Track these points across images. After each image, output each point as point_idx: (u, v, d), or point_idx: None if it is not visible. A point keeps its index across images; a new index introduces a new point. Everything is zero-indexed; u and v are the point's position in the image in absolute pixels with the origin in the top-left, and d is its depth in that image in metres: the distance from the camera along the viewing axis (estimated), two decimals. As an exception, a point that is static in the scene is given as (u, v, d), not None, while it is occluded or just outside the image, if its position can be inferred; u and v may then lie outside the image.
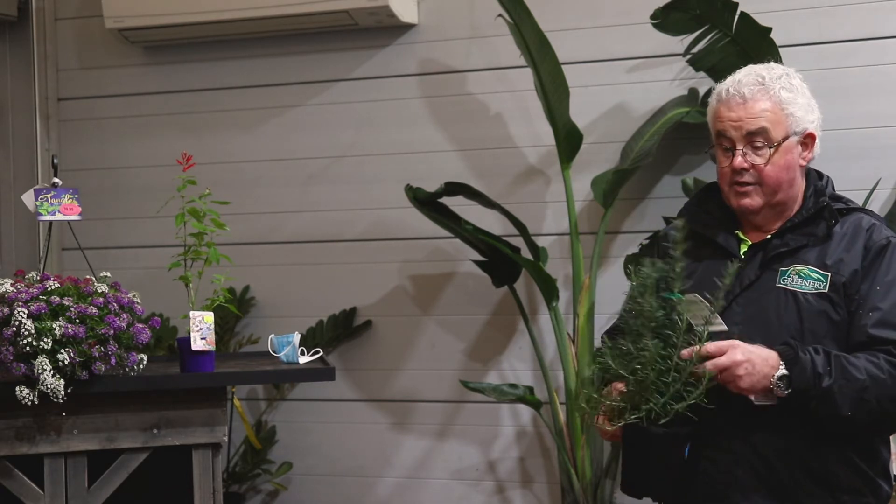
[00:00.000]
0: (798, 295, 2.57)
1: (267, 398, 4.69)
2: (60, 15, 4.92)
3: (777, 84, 2.64)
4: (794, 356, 2.46)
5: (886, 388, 2.46)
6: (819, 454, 2.53)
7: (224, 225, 3.23)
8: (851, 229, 2.62)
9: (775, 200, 2.66)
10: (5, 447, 3.05)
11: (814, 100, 2.73)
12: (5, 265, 4.80)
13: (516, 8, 3.90)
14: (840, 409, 2.45)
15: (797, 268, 2.59)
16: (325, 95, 4.62)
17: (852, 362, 2.47)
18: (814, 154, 2.71)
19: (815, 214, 2.65)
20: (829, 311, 2.56)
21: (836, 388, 2.44)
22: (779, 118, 2.62)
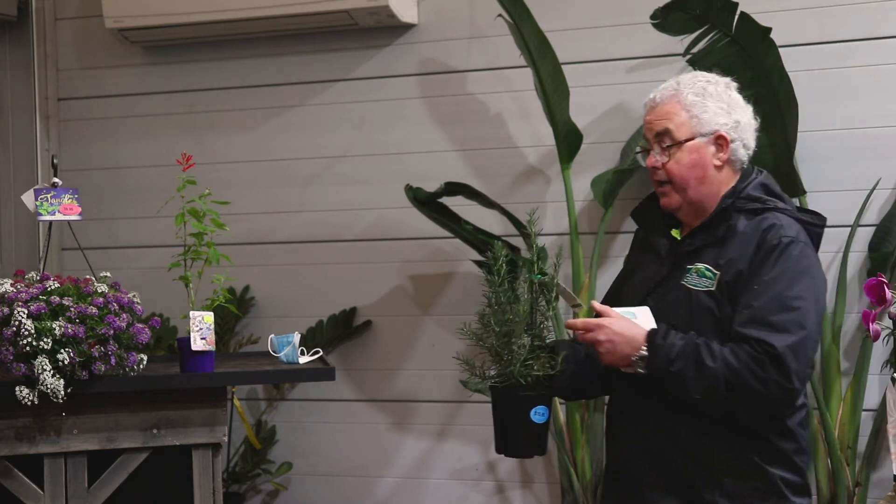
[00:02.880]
0: (692, 293, 2.73)
1: (267, 398, 4.69)
2: (60, 15, 4.92)
3: (687, 89, 2.82)
4: (656, 341, 2.65)
5: (739, 377, 2.59)
6: (702, 441, 2.68)
7: (224, 225, 3.23)
8: (751, 229, 2.74)
9: (689, 199, 2.82)
10: (5, 447, 3.05)
11: (740, 107, 2.86)
12: (5, 265, 4.80)
13: (516, 8, 3.90)
14: (689, 391, 2.62)
15: (698, 266, 2.75)
16: (324, 95, 4.62)
17: (712, 351, 2.61)
18: (733, 155, 2.83)
19: (719, 214, 2.78)
20: (713, 308, 2.70)
21: (685, 373, 2.61)
22: (683, 120, 2.80)
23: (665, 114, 2.83)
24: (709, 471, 2.70)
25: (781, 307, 2.63)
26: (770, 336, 2.60)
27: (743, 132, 2.83)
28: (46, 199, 3.20)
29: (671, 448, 2.73)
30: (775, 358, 2.59)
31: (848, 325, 3.97)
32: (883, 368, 3.74)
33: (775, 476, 2.70)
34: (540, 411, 2.77)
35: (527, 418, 2.76)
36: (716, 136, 2.80)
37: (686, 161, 2.80)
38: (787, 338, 2.60)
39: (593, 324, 2.71)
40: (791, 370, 2.59)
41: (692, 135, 2.80)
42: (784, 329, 2.61)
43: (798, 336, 2.61)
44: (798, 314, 2.63)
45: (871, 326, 2.84)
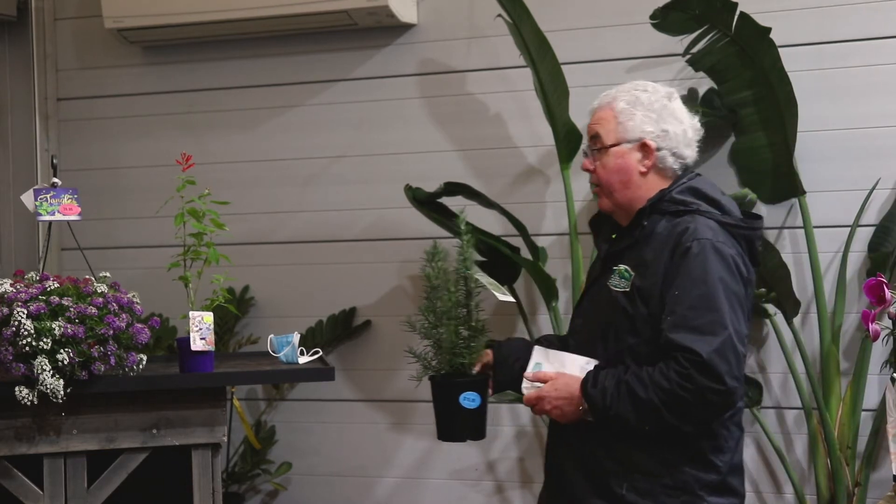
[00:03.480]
0: (613, 293, 2.84)
1: (266, 398, 4.69)
2: (60, 15, 4.92)
3: (622, 97, 2.93)
4: (588, 391, 2.78)
5: (673, 396, 2.68)
6: (623, 440, 2.79)
7: (223, 225, 3.22)
8: (668, 232, 2.82)
9: (617, 202, 2.93)
10: (5, 447, 3.05)
11: (673, 118, 2.92)
12: (5, 265, 4.80)
13: (516, 8, 3.90)
14: (635, 424, 2.73)
15: (619, 268, 2.86)
16: (324, 95, 4.62)
17: (642, 380, 2.71)
18: (660, 163, 2.90)
19: (636, 216, 2.88)
20: (628, 308, 2.80)
21: (624, 413, 2.72)
22: (611, 125, 2.91)
23: (598, 119, 2.95)
24: (623, 467, 2.80)
25: (702, 310, 2.70)
26: (695, 342, 2.66)
27: (672, 141, 2.90)
28: (46, 199, 3.20)
29: (597, 449, 2.83)
30: (702, 366, 2.65)
31: (847, 325, 3.98)
32: (882, 368, 3.74)
33: (687, 474, 2.77)
34: (470, 397, 2.91)
35: (457, 404, 2.91)
36: (641, 143, 2.89)
37: (611, 165, 2.91)
38: (712, 341, 2.67)
39: (534, 398, 2.87)
40: (721, 372, 2.66)
41: (618, 140, 2.90)
42: (709, 332, 2.68)
43: (722, 337, 2.68)
44: (718, 315, 2.70)
45: (870, 326, 2.84)
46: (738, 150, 4.04)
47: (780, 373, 4.11)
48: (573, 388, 2.82)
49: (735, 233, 2.85)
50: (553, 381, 2.86)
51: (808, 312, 4.04)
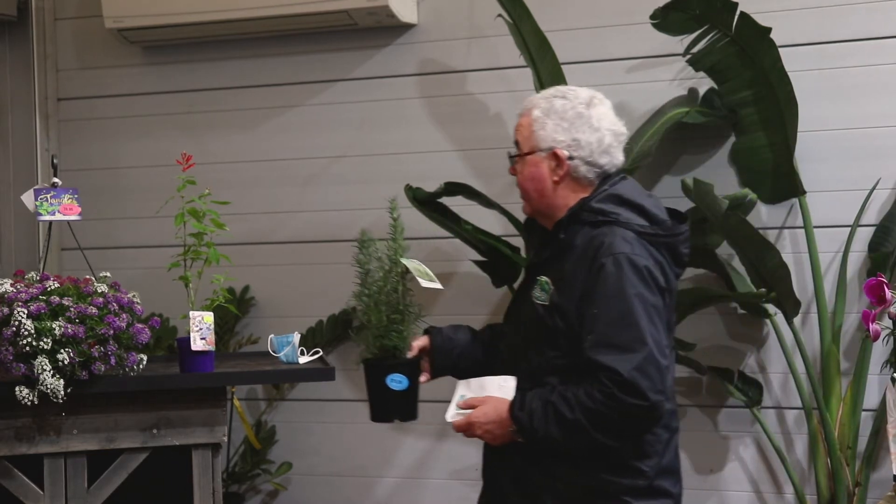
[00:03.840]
0: (535, 305, 2.85)
1: (266, 398, 4.69)
2: (60, 15, 4.92)
3: (539, 104, 2.92)
4: (515, 414, 2.80)
5: (599, 416, 2.70)
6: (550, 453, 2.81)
7: (224, 225, 3.23)
8: (586, 245, 2.81)
9: (535, 209, 2.96)
10: (5, 447, 3.05)
11: (588, 126, 2.89)
12: (5, 265, 4.80)
13: (516, 8, 3.90)
14: (563, 444, 2.76)
15: (542, 279, 2.86)
16: (324, 95, 4.62)
17: (568, 401, 2.73)
18: (574, 172, 2.89)
19: (555, 226, 2.89)
20: (547, 321, 2.81)
21: (552, 434, 2.75)
22: (528, 133, 2.92)
23: (518, 126, 2.96)
24: (551, 478, 2.83)
25: (621, 327, 2.71)
26: (616, 360, 2.68)
27: (584, 151, 2.87)
28: (46, 199, 3.21)
29: (527, 462, 2.86)
30: (624, 384, 2.67)
31: (848, 324, 3.98)
32: (883, 368, 3.74)
33: (612, 481, 2.79)
34: (396, 379, 2.99)
35: (383, 385, 2.99)
36: (552, 152, 2.89)
37: (526, 173, 2.93)
38: (633, 358, 2.68)
39: (464, 424, 2.89)
40: (643, 389, 2.68)
41: (531, 149, 2.91)
42: (628, 349, 2.69)
43: (643, 353, 2.69)
44: (637, 331, 2.70)
45: (870, 326, 2.84)
46: (738, 150, 4.04)
47: (780, 373, 4.11)
48: (501, 410, 2.84)
49: (655, 241, 2.83)
50: (481, 406, 2.87)
51: (808, 312, 4.04)
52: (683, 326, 4.01)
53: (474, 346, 3.15)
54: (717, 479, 4.20)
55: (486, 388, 2.92)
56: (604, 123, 2.91)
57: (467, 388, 2.96)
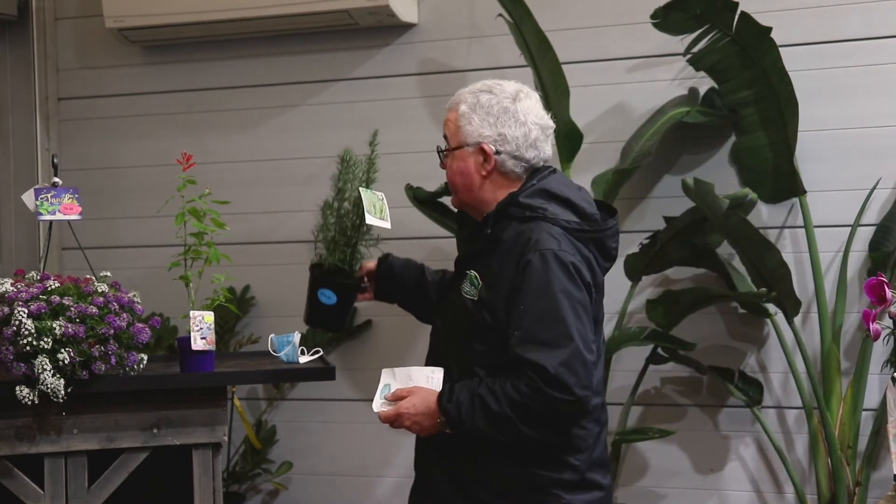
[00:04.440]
0: (464, 299, 2.88)
1: (267, 398, 4.69)
2: (60, 14, 4.92)
3: (466, 99, 2.93)
4: (443, 405, 2.82)
5: (524, 409, 2.72)
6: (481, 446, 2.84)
7: (224, 224, 3.22)
8: (514, 240, 2.83)
9: (463, 202, 2.98)
10: (5, 447, 3.05)
11: (514, 121, 2.88)
12: (5, 265, 4.80)
13: (516, 7, 3.90)
14: (491, 437, 2.78)
15: (470, 273, 2.89)
16: (324, 95, 4.62)
17: (495, 395, 2.74)
18: (501, 167, 2.89)
19: (482, 222, 2.91)
20: (475, 316, 2.83)
21: (479, 425, 2.77)
22: (455, 128, 2.93)
23: (446, 120, 2.98)
24: (483, 471, 2.85)
25: (547, 323, 2.72)
26: (542, 356, 2.70)
27: (510, 145, 2.88)
28: (47, 198, 3.20)
29: (460, 455, 2.88)
30: (551, 380, 2.69)
31: (848, 324, 3.98)
32: (883, 368, 3.74)
33: (543, 476, 2.82)
34: (326, 294, 3.15)
35: (315, 295, 3.17)
36: (479, 147, 2.90)
37: (455, 168, 2.95)
38: (559, 354, 2.70)
39: (393, 415, 2.89)
40: (569, 384, 2.70)
41: (459, 144, 2.92)
42: (555, 345, 2.71)
43: (569, 349, 2.71)
44: (564, 327, 2.72)
45: (871, 326, 2.84)
46: (738, 149, 4.04)
47: (780, 372, 4.11)
48: (430, 401, 2.85)
49: (582, 237, 2.85)
50: (409, 396, 2.88)
51: (808, 312, 4.04)
52: (684, 326, 4.02)
53: (417, 286, 3.24)
54: (717, 479, 4.20)
55: (413, 378, 2.93)
56: (530, 118, 2.90)
57: (392, 377, 2.97)
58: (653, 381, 4.24)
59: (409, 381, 2.93)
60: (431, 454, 2.97)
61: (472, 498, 2.86)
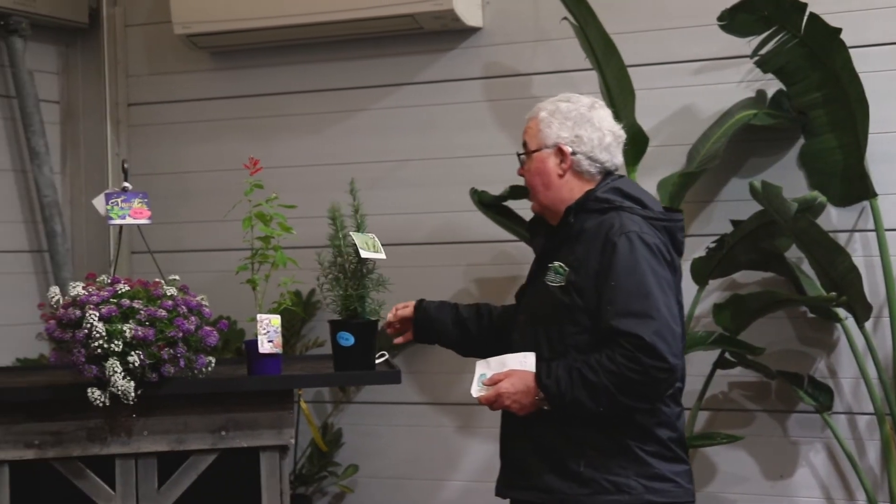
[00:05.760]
0: (550, 289, 3.05)
1: (333, 401, 4.71)
2: (130, 21, 4.98)
3: (546, 106, 3.18)
4: (543, 382, 2.97)
5: (621, 378, 2.89)
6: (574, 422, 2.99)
7: (290, 228, 3.25)
8: (596, 228, 3.03)
9: (541, 202, 3.17)
10: (78, 448, 3.10)
11: (590, 125, 3.10)
12: (77, 268, 4.87)
13: (581, 10, 3.89)
14: (591, 409, 2.93)
15: (554, 264, 3.07)
16: (389, 99, 4.64)
17: (591, 366, 2.92)
18: (577, 167, 3.11)
19: (565, 215, 3.09)
20: (565, 300, 3.01)
21: (579, 397, 2.93)
22: (535, 132, 3.17)
23: (526, 128, 3.21)
24: (575, 446, 3.00)
25: (637, 296, 2.93)
26: (637, 326, 2.89)
27: (586, 146, 3.11)
28: (117, 203, 3.25)
29: (550, 432, 3.03)
30: (645, 347, 2.88)
31: (921, 328, 3.91)
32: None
33: (635, 447, 2.99)
34: (344, 336, 3.26)
35: (335, 340, 3.28)
36: (556, 148, 3.12)
37: (533, 169, 3.16)
38: (652, 324, 2.89)
39: (493, 396, 3.05)
40: (663, 351, 2.88)
41: (538, 146, 3.15)
42: (646, 315, 2.90)
43: (659, 319, 2.91)
44: (652, 300, 2.93)
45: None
46: (807, 152, 3.99)
47: (851, 378, 4.05)
48: (528, 380, 3.01)
49: (657, 225, 3.07)
50: (507, 378, 3.03)
51: (880, 317, 3.98)
52: (752, 330, 3.97)
53: (455, 325, 3.42)
54: (786, 485, 4.15)
55: (507, 364, 3.07)
56: (604, 124, 3.15)
57: (487, 366, 3.11)
58: (720, 386, 4.20)
59: (504, 366, 3.07)
60: (522, 437, 3.09)
61: (569, 473, 2.99)
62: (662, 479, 2.99)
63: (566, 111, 3.15)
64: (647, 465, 2.98)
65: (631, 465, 2.98)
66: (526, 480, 3.09)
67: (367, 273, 3.33)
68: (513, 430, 3.14)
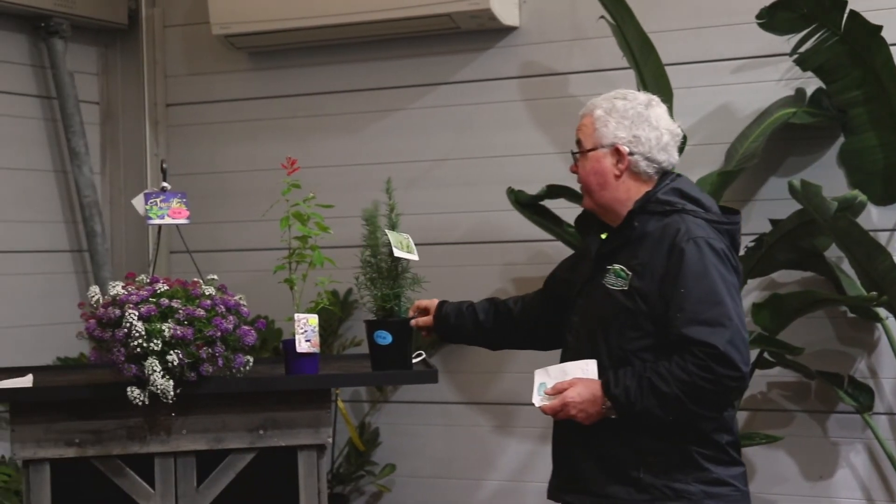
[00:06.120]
0: (611, 292, 2.98)
1: (370, 400, 4.72)
2: (169, 22, 5.02)
3: (601, 104, 3.09)
4: (611, 392, 2.91)
5: (693, 387, 2.83)
6: (631, 427, 2.94)
7: (328, 228, 3.26)
8: (660, 232, 2.97)
9: (597, 202, 3.09)
10: (118, 446, 3.11)
11: (647, 125, 3.01)
12: (117, 268, 4.91)
13: (619, 9, 3.87)
14: (660, 418, 2.88)
15: (615, 267, 2.99)
16: (426, 99, 4.64)
17: (662, 376, 2.85)
18: (634, 167, 3.03)
19: (627, 217, 3.02)
20: (628, 305, 2.94)
21: (650, 407, 2.87)
22: (590, 131, 3.08)
23: (581, 125, 3.12)
24: (634, 452, 2.95)
25: (708, 304, 2.87)
26: (710, 335, 2.83)
27: (644, 146, 3.03)
28: (156, 203, 3.27)
29: (606, 438, 2.98)
30: (719, 357, 2.82)
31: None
32: None
33: (690, 450, 2.94)
34: (381, 335, 3.24)
35: (372, 339, 3.26)
36: (614, 147, 3.04)
37: (588, 168, 3.08)
38: (724, 333, 2.84)
39: (559, 405, 2.98)
40: (736, 361, 2.83)
41: (594, 145, 3.07)
42: (718, 324, 2.84)
43: (731, 328, 2.85)
44: (724, 307, 2.87)
45: None
46: (847, 150, 3.96)
47: (892, 378, 4.02)
48: (594, 389, 2.95)
49: (719, 228, 3.01)
50: (573, 387, 2.97)
51: (921, 316, 3.94)
52: (791, 330, 3.94)
53: (475, 327, 3.38)
54: (826, 486, 4.12)
55: (568, 372, 3.03)
56: (662, 123, 3.07)
57: (547, 375, 3.06)
58: (759, 386, 4.18)
59: (565, 374, 3.02)
60: (578, 443, 3.05)
61: (627, 479, 2.95)
62: (721, 483, 2.94)
63: (623, 110, 3.06)
64: (705, 469, 2.94)
65: (691, 471, 2.93)
66: (582, 485, 3.04)
67: (402, 272, 3.32)
68: (568, 436, 3.08)
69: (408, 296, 3.33)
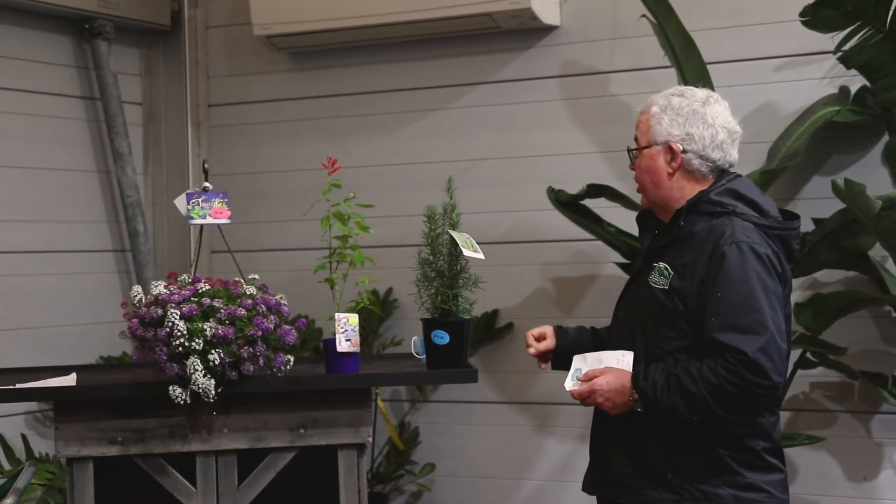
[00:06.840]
0: (653, 289, 2.99)
1: (410, 399, 4.73)
2: (211, 23, 5.05)
3: (658, 100, 3.09)
4: (639, 384, 2.93)
5: (720, 390, 2.83)
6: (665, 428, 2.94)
7: (368, 227, 3.26)
8: (706, 233, 2.95)
9: (651, 199, 3.09)
10: (160, 445, 3.14)
11: (703, 122, 3.00)
12: (159, 268, 4.94)
13: (660, 7, 3.85)
14: (684, 416, 2.89)
15: (659, 265, 3.00)
16: (467, 98, 4.64)
17: (691, 375, 2.86)
18: (687, 166, 3.02)
19: (675, 216, 3.02)
20: (667, 304, 2.95)
21: (675, 404, 2.88)
22: (645, 128, 3.09)
23: (638, 122, 3.13)
24: (665, 451, 2.96)
25: (745, 310, 2.84)
26: (741, 342, 2.81)
27: (697, 145, 3.01)
28: (198, 203, 3.29)
29: (639, 435, 2.99)
30: (749, 364, 2.80)
31: None
32: None
33: (723, 455, 2.92)
34: (439, 335, 3.26)
35: (429, 338, 3.27)
36: (666, 145, 3.03)
37: (643, 166, 3.08)
38: (756, 340, 2.81)
39: (587, 391, 3.01)
40: (767, 369, 2.81)
41: (649, 143, 3.06)
42: (752, 331, 2.82)
43: (765, 336, 2.82)
44: (760, 315, 2.84)
45: None
46: (892, 149, 3.92)
47: (937, 379, 3.97)
48: (623, 380, 2.96)
49: (770, 233, 2.96)
50: (603, 375, 3.00)
51: (967, 317, 3.90)
52: (834, 330, 3.91)
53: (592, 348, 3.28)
54: (870, 488, 4.08)
55: (604, 361, 3.05)
56: (718, 121, 3.03)
57: (584, 362, 3.09)
58: (801, 386, 4.15)
59: (600, 363, 3.05)
60: (611, 437, 3.07)
61: (656, 478, 2.96)
62: (754, 489, 2.92)
63: (678, 107, 3.04)
64: (738, 474, 2.92)
65: (721, 475, 2.92)
66: (613, 480, 3.06)
67: (459, 271, 3.33)
68: (604, 430, 3.10)
69: (465, 296, 3.33)
